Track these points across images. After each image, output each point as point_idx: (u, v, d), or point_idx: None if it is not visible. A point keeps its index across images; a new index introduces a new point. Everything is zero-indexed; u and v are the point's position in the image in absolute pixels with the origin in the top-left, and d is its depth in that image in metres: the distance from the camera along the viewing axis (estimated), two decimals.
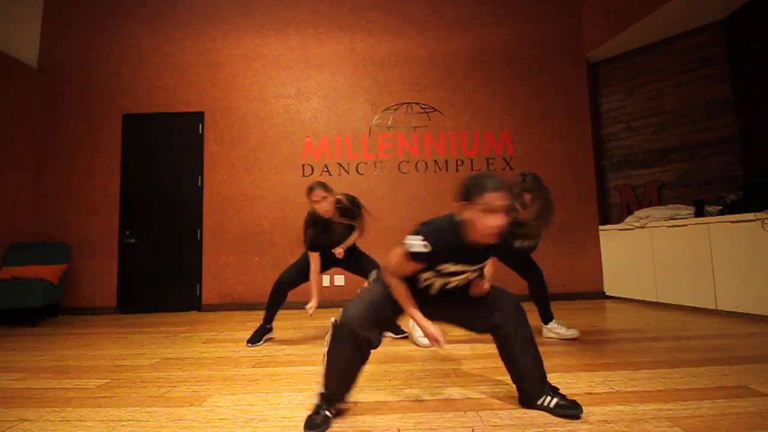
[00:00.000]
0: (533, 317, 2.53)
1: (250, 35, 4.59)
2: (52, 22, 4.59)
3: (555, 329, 2.48)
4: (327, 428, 1.29)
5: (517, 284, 2.59)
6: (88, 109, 4.46)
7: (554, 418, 1.33)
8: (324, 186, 2.45)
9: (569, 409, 1.34)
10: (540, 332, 2.56)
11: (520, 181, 2.22)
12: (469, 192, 1.24)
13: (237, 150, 4.43)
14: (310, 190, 2.44)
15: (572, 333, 2.44)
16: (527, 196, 2.18)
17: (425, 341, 2.39)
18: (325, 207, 2.42)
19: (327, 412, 1.33)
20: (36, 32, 4.54)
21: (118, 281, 4.26)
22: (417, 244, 1.25)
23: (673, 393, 1.52)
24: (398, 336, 2.63)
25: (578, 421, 1.30)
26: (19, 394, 1.73)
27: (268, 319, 2.64)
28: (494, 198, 1.18)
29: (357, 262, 2.71)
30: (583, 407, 1.37)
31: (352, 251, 2.73)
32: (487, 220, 1.19)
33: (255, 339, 2.57)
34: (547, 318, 2.50)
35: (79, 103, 4.47)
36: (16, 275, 3.62)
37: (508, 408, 1.42)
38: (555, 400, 1.38)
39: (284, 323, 3.32)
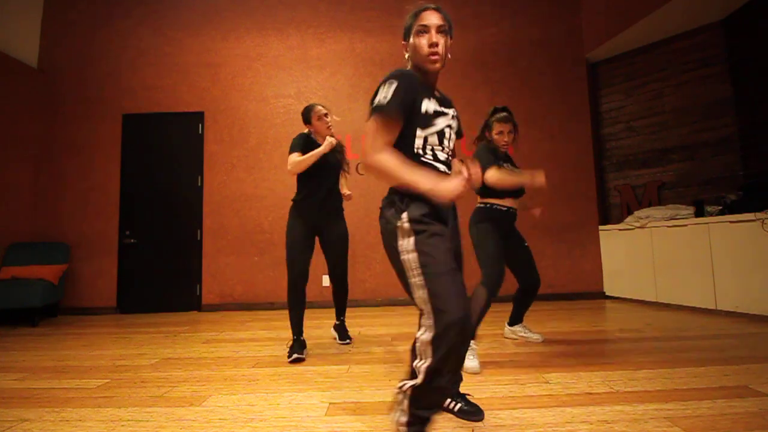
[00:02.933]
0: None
1: (250, 35, 4.59)
2: (52, 22, 4.59)
3: (519, 332, 2.46)
4: None
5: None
6: (88, 109, 4.46)
7: (553, 418, 1.33)
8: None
9: (473, 415, 1.35)
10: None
11: (492, 111, 2.22)
12: (405, 26, 1.21)
13: (237, 150, 4.43)
14: (312, 106, 2.39)
15: (537, 337, 2.41)
16: (506, 127, 2.16)
17: (472, 364, 1.85)
18: (327, 124, 2.37)
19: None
20: (36, 32, 4.54)
21: (118, 281, 4.26)
22: (384, 91, 1.08)
23: (673, 393, 1.51)
24: (343, 342, 2.51)
25: (578, 421, 1.30)
26: (19, 394, 1.73)
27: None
28: (422, 18, 1.14)
29: (333, 248, 2.44)
30: (583, 407, 1.37)
31: (339, 233, 2.45)
32: (421, 41, 1.14)
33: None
34: (517, 321, 2.47)
35: (78, 103, 4.47)
36: (16, 275, 3.62)
37: (508, 408, 1.42)
38: (459, 405, 1.37)
39: (284, 323, 3.31)
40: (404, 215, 1.06)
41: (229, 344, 2.59)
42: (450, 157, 1.22)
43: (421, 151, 1.12)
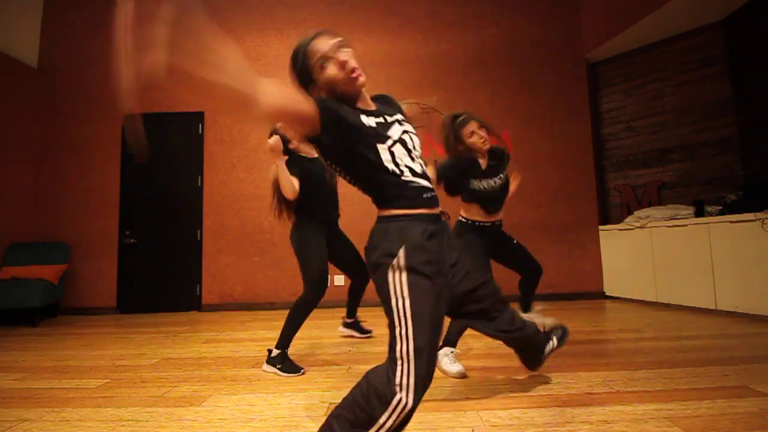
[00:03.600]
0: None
1: (250, 35, 4.59)
2: (52, 22, 4.59)
3: (533, 317, 2.41)
4: None
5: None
6: (88, 109, 4.46)
7: (553, 418, 1.33)
8: None
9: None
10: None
11: (450, 121, 1.96)
12: (299, 69, 1.06)
13: (237, 150, 4.43)
14: None
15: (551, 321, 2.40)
16: (473, 125, 1.91)
17: (455, 369, 1.86)
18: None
19: None
20: (36, 32, 4.53)
21: (118, 281, 4.26)
22: None
23: (673, 393, 1.51)
24: (364, 335, 2.62)
25: (578, 420, 1.30)
26: (19, 394, 1.73)
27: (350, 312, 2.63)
28: (319, 45, 1.02)
29: (341, 251, 2.36)
30: (583, 407, 1.38)
31: (337, 234, 2.36)
32: (333, 70, 1.02)
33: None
34: (528, 308, 2.43)
35: (78, 103, 4.47)
36: (16, 275, 3.62)
37: (508, 408, 1.42)
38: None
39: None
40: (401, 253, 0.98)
41: (229, 344, 2.59)
42: (424, 172, 1.10)
43: (397, 170, 1.03)
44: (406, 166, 1.05)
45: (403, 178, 1.04)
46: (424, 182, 1.08)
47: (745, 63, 3.63)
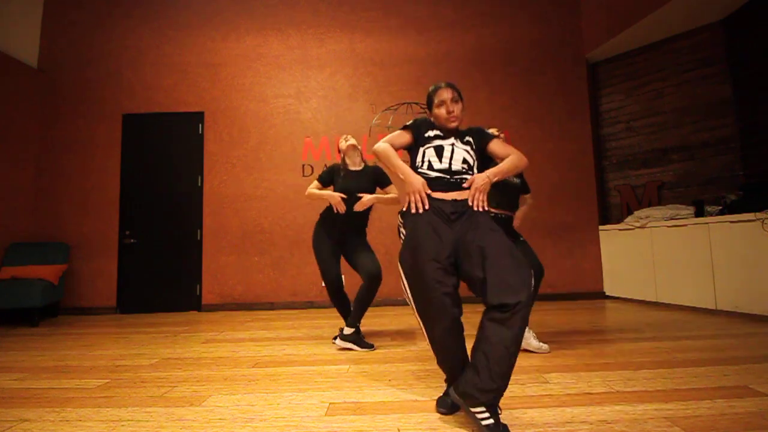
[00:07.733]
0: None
1: (250, 35, 4.59)
2: (52, 22, 4.59)
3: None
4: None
5: None
6: (88, 109, 4.46)
7: (553, 418, 1.33)
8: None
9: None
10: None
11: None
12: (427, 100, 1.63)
13: (237, 150, 4.43)
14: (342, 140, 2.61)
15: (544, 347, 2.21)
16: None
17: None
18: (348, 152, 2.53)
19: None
20: (36, 32, 4.54)
21: (117, 281, 4.26)
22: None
23: (672, 393, 1.51)
24: (363, 349, 2.34)
25: (578, 421, 1.30)
26: (19, 394, 1.73)
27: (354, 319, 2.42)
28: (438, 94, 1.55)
29: (356, 252, 2.46)
30: (582, 407, 1.37)
31: (359, 237, 2.52)
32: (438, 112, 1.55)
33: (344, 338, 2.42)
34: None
35: (78, 103, 4.47)
36: (16, 275, 3.62)
37: (508, 408, 1.42)
38: (491, 421, 1.17)
39: (284, 323, 3.33)
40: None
41: (228, 344, 2.59)
42: (452, 170, 1.46)
43: (419, 165, 1.52)
44: (427, 162, 1.51)
45: (419, 170, 1.52)
46: (433, 174, 1.49)
47: (745, 63, 3.63)
